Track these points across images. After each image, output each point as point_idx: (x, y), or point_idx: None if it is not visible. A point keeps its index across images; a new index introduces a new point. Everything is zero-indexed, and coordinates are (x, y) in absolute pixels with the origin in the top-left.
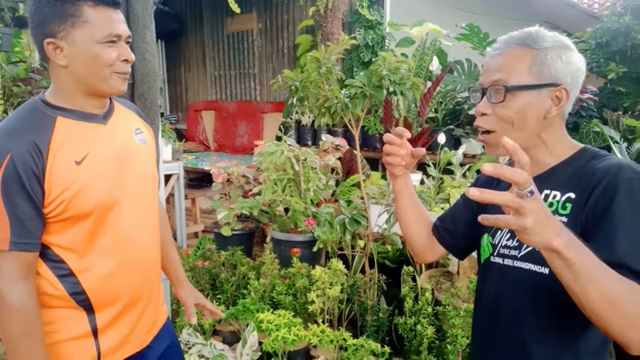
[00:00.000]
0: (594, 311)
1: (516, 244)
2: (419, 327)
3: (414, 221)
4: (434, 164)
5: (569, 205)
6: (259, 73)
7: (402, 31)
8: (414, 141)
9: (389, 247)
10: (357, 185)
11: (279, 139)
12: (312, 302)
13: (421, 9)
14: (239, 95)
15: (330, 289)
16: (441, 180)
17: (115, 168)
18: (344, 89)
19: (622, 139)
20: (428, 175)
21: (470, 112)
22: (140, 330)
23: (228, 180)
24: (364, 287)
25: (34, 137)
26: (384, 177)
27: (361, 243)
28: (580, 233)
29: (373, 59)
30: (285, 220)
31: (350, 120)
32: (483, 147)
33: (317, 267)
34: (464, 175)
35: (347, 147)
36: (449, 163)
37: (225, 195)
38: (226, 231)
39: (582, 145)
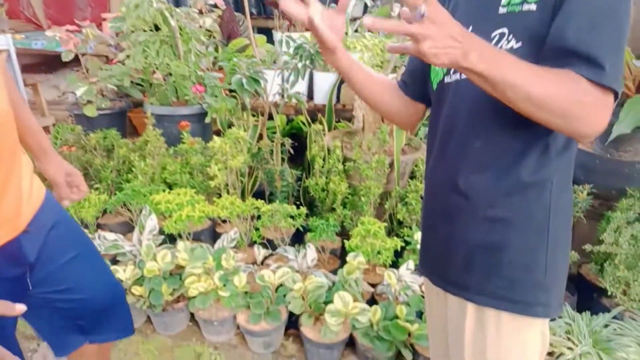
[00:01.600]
0: (526, 114)
1: None
2: (331, 185)
3: (378, 91)
4: None
5: None
6: None
7: None
8: None
9: (278, 122)
10: (241, 50)
11: None
12: (214, 177)
13: None
14: None
15: (232, 160)
16: None
17: None
18: None
19: None
20: None
21: None
22: (3, 213)
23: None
24: (268, 153)
25: None
26: (269, 41)
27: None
28: (550, 22)
29: None
30: (165, 90)
31: None
32: None
33: (215, 137)
34: (355, 31)
35: (224, 6)
36: None
37: (82, 70)
38: (90, 111)
39: None
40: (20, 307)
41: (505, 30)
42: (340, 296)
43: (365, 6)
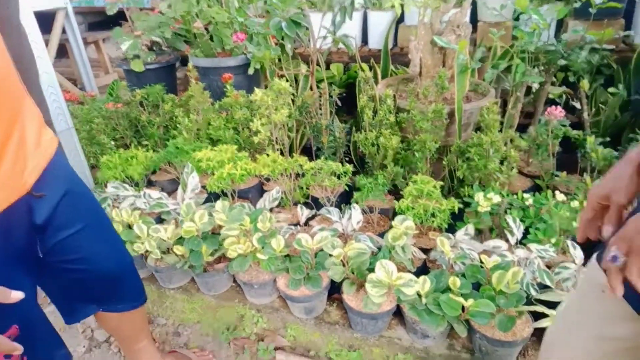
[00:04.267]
0: None
1: None
2: (381, 139)
3: None
4: None
5: None
6: None
7: None
8: None
9: (334, 71)
10: None
11: None
12: (257, 132)
13: None
14: None
15: (275, 114)
16: None
17: None
18: None
19: None
20: None
21: None
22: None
23: (128, 8)
24: (314, 106)
25: None
26: None
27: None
28: None
29: None
30: (208, 41)
31: None
32: None
33: (257, 89)
34: None
35: None
36: None
37: (129, 24)
38: (137, 65)
39: None
40: (16, 295)
41: None
42: (383, 265)
43: None
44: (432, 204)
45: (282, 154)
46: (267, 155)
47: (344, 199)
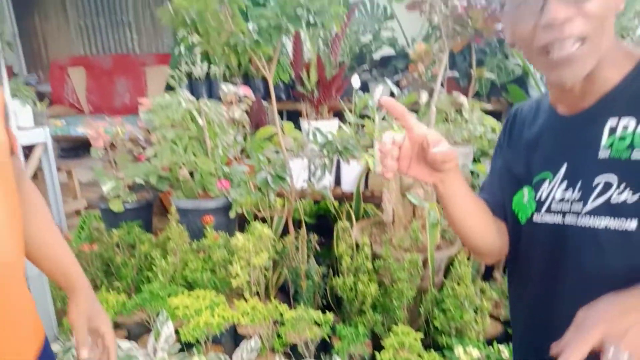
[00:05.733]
0: None
1: (578, 196)
2: (360, 286)
3: (482, 228)
4: (350, 110)
5: None
6: (135, 21)
7: None
8: (327, 85)
9: (304, 202)
10: (269, 139)
11: (170, 90)
12: (236, 276)
13: None
14: (112, 47)
15: (255, 257)
16: (360, 126)
17: None
18: (250, 22)
19: None
20: (344, 122)
21: (376, 57)
22: None
23: (112, 145)
24: (293, 249)
25: None
26: (297, 127)
27: (280, 201)
28: None
29: None
30: (191, 185)
31: (262, 60)
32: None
33: (238, 234)
34: (383, 118)
35: (253, 97)
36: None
37: (110, 162)
38: (117, 206)
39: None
40: None
41: (611, 179)
42: None
43: (392, 94)
44: (413, 357)
45: (258, 295)
46: (245, 300)
47: (323, 344)
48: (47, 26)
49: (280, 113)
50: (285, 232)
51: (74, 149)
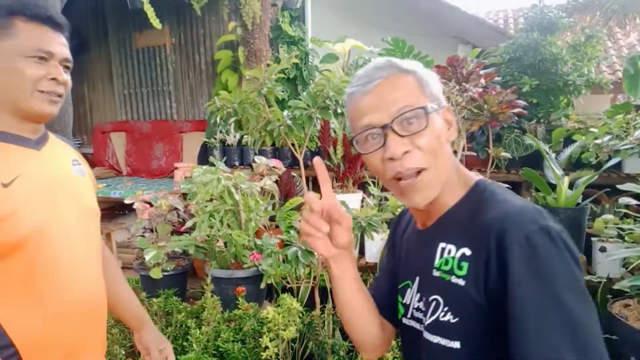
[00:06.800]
0: None
1: (423, 308)
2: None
3: (366, 318)
4: (374, 182)
5: (465, 265)
6: (174, 90)
7: (324, 47)
8: (353, 160)
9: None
10: (297, 208)
11: (204, 161)
12: (266, 347)
13: (335, 24)
14: (152, 114)
15: (284, 330)
16: (384, 199)
17: (51, 197)
18: (286, 110)
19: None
20: (369, 195)
21: None
22: None
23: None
24: (320, 323)
25: None
26: None
27: (306, 271)
28: (487, 300)
29: (305, 77)
30: (225, 255)
31: (293, 143)
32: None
33: (269, 307)
34: None
35: (283, 168)
36: None
37: (151, 230)
38: (157, 273)
39: (475, 178)
40: None
41: (440, 298)
42: None
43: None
44: None
45: None
46: None
47: None
48: (94, 94)
49: (307, 179)
50: (310, 299)
51: (111, 209)
